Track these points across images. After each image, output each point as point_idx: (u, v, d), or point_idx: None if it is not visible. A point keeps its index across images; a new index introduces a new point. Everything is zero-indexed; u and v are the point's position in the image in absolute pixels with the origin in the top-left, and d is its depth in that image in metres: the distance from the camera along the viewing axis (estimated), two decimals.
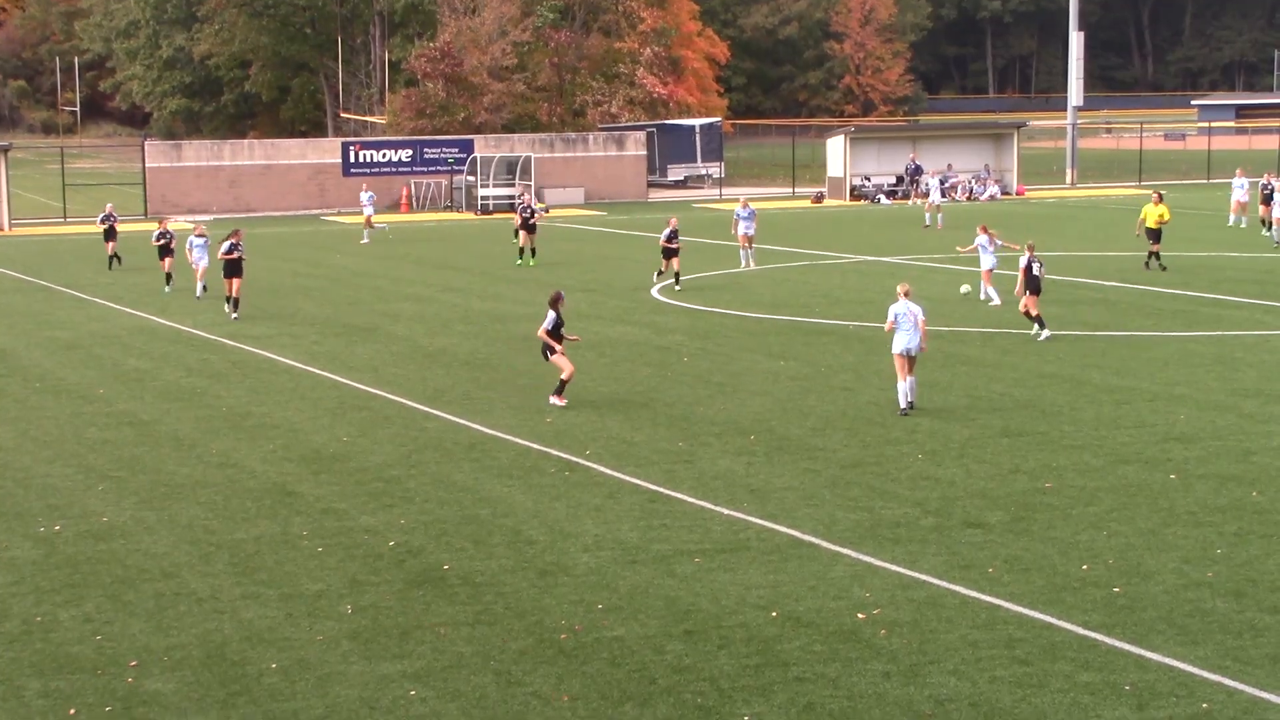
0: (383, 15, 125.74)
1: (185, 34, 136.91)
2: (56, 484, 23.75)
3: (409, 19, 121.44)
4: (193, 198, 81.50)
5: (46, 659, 16.35)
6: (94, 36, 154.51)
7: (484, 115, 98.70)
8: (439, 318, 41.11)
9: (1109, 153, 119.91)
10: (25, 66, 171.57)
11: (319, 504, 22.39)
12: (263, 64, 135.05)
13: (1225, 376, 31.02)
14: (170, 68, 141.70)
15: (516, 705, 14.97)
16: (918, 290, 44.46)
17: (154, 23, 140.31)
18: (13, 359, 35.35)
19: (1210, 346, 34.58)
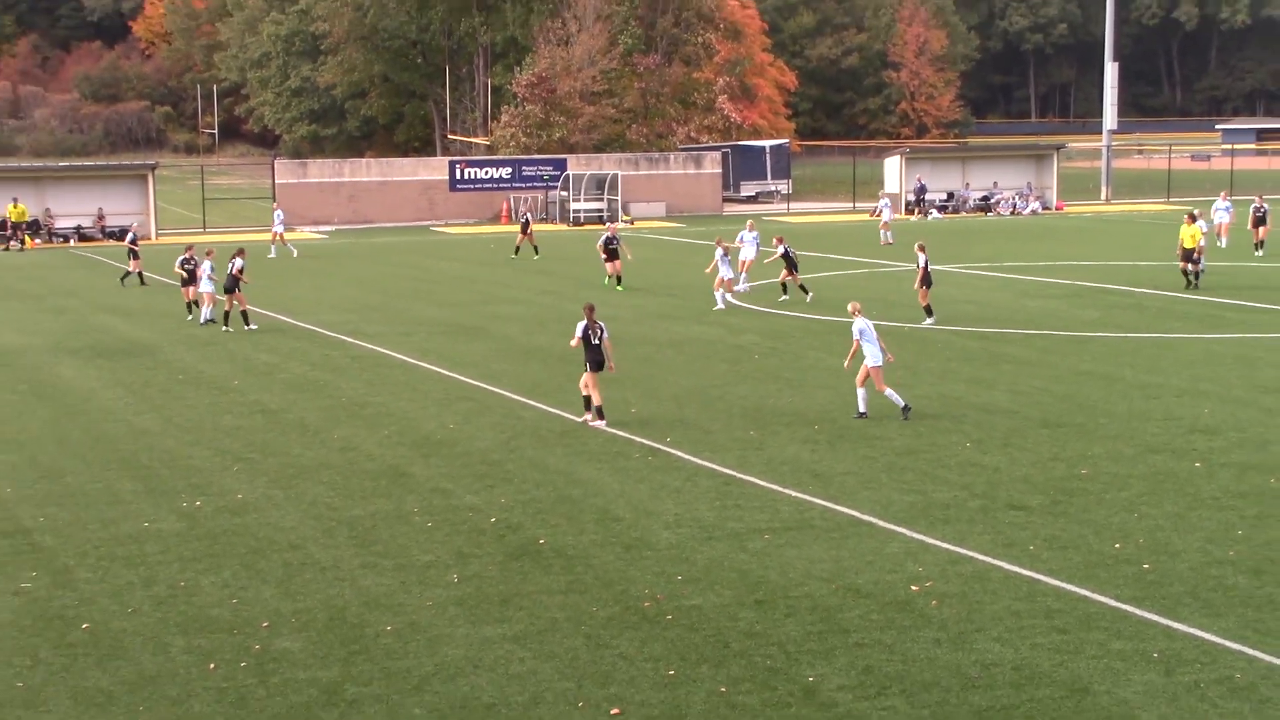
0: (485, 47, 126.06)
1: (311, 65, 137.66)
2: (197, 465, 23.95)
3: (508, 50, 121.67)
4: (316, 211, 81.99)
5: (190, 619, 16.50)
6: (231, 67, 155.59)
7: (577, 136, 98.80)
8: (535, 318, 41.18)
9: (1140, 172, 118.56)
10: (171, 94, 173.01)
11: (429, 484, 22.49)
12: (379, 92, 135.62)
13: (1246, 374, 30.69)
14: (297, 95, 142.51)
15: (605, 665, 15.00)
16: (975, 293, 44.25)
17: (283, 55, 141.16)
18: (159, 354, 35.66)
19: (1233, 347, 34.21)
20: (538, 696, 14.25)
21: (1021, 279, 48.94)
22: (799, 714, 13.78)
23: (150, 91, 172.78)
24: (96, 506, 21.37)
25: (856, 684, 14.46)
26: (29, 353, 36.02)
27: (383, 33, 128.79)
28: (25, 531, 20.12)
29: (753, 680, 14.56)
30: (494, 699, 14.20)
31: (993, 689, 14.30)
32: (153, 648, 15.65)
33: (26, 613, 16.80)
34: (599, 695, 14.25)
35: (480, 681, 14.63)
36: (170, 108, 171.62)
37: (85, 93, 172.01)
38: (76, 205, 73.73)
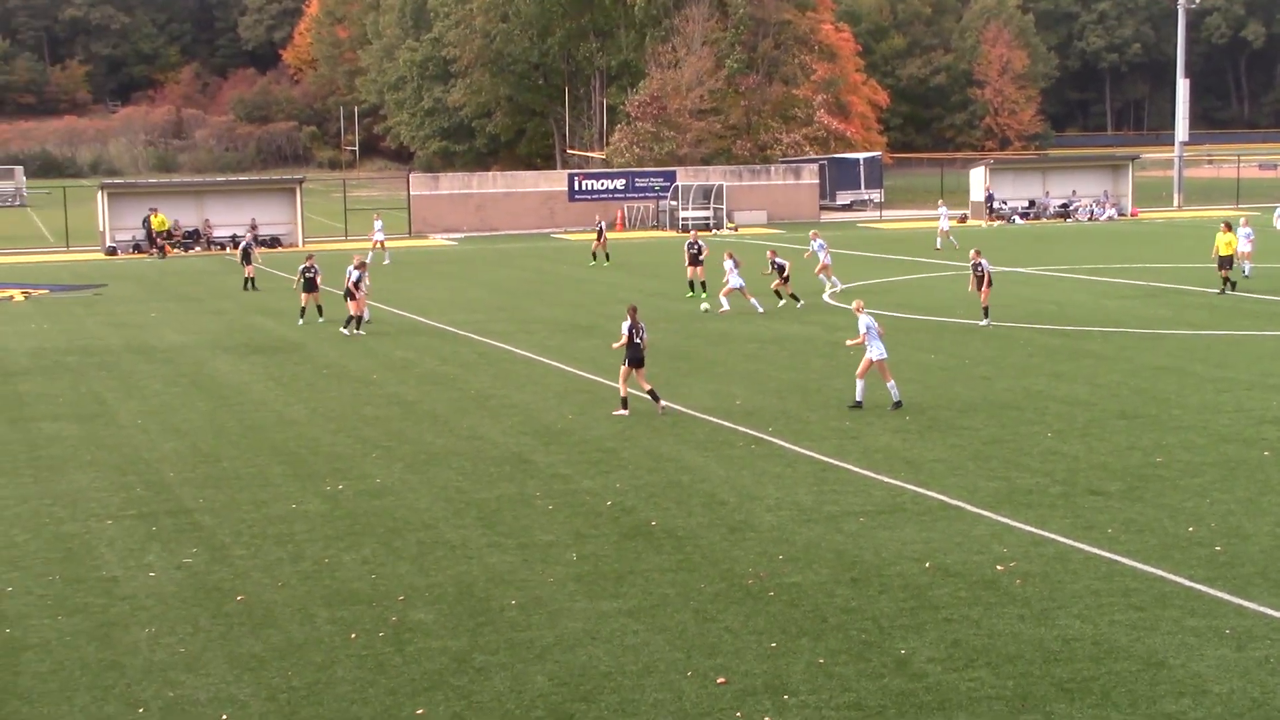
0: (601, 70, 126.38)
1: (442, 87, 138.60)
2: (339, 451, 24.12)
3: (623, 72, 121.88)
4: (447, 219, 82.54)
5: (333, 592, 16.60)
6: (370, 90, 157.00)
7: (685, 150, 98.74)
8: (646, 317, 40.85)
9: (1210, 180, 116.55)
10: (316, 115, 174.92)
11: (549, 470, 22.50)
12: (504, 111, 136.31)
13: None
14: (430, 115, 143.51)
15: (712, 638, 14.92)
16: (1056, 293, 43.72)
17: (418, 79, 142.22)
18: (305, 350, 35.99)
19: None
20: (650, 666, 14.19)
21: (1099, 280, 48.24)
22: (892, 684, 13.63)
23: (298, 113, 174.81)
24: (250, 489, 21.58)
25: (945, 656, 14.28)
26: (189, 350, 36.49)
27: (508, 57, 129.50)
28: (187, 511, 20.36)
29: (849, 652, 14.42)
30: (610, 668, 14.17)
31: (1073, 661, 14.07)
32: (300, 618, 15.76)
33: (188, 585, 16.98)
34: (706, 665, 14.17)
35: (597, 652, 14.60)
36: (316, 127, 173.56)
37: (240, 115, 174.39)
38: (232, 216, 74.69)
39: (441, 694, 13.59)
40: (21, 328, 41.74)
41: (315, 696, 13.59)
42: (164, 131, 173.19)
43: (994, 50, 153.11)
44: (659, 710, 13.16)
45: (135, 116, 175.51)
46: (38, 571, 17.60)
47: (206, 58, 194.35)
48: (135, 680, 14.05)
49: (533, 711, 13.18)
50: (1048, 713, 12.94)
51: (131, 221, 73.08)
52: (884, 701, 13.23)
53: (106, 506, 20.73)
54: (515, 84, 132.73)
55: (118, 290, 52.45)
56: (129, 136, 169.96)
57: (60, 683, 14.03)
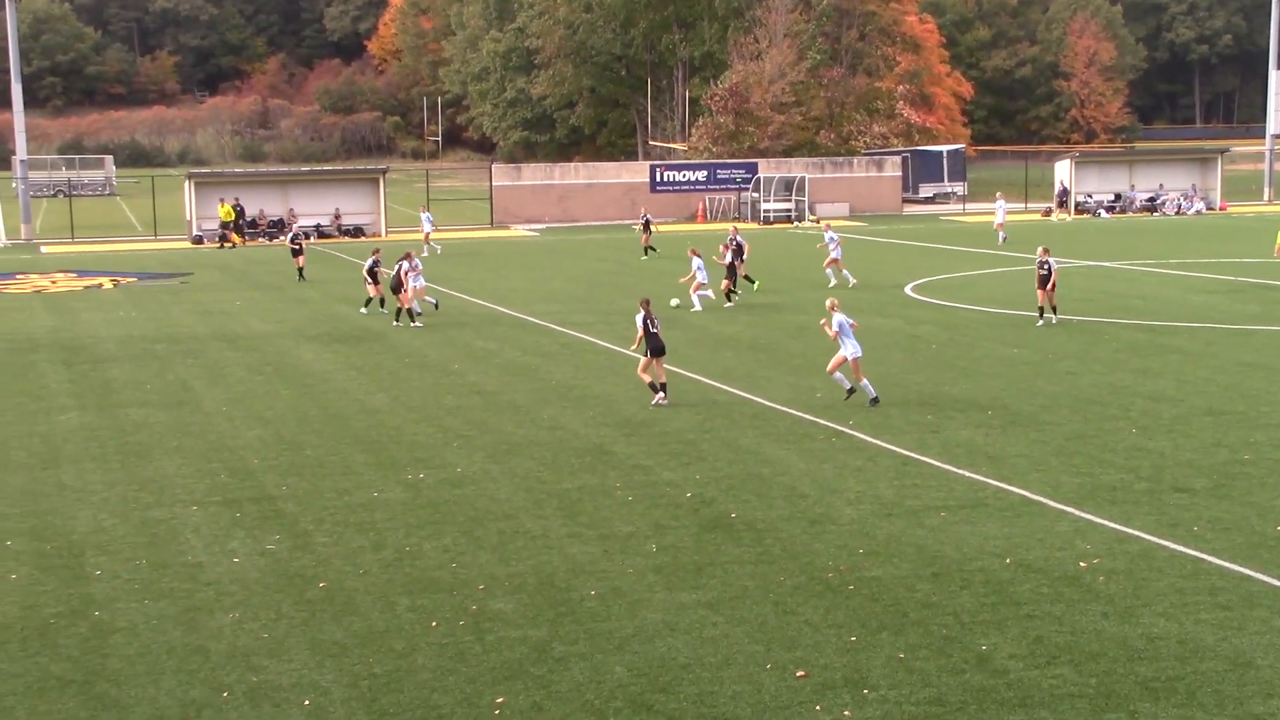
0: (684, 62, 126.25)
1: (525, 78, 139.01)
2: (421, 440, 24.26)
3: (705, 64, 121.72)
4: (529, 210, 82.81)
5: (414, 581, 16.71)
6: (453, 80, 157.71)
7: (767, 142, 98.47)
8: (727, 310, 41.06)
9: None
10: (400, 105, 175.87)
11: (629, 461, 22.53)
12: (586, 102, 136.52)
13: None
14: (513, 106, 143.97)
15: (791, 631, 14.88)
16: (1142, 288, 43.28)
17: (501, 70, 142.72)
18: (386, 340, 36.22)
19: None
20: (729, 658, 14.18)
21: (1186, 275, 47.67)
22: (973, 680, 13.53)
23: (382, 103, 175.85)
24: (332, 477, 21.75)
25: (1027, 653, 14.16)
26: (274, 338, 36.84)
27: (590, 49, 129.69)
28: (270, 499, 20.55)
29: (929, 647, 14.34)
30: (689, 659, 14.17)
31: (1158, 660, 13.92)
32: (381, 605, 15.87)
33: (271, 571, 17.15)
34: (786, 658, 14.14)
35: (676, 643, 14.60)
36: (399, 118, 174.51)
37: (325, 105, 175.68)
38: (316, 206, 75.32)
39: (521, 683, 13.64)
40: (110, 315, 42.30)
41: (396, 684, 13.69)
42: (250, 122, 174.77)
43: (1081, 42, 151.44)
44: (738, 702, 13.15)
45: (222, 107, 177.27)
46: (125, 556, 17.84)
47: (293, 48, 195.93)
48: (220, 665, 14.21)
49: (612, 702, 13.21)
50: (1132, 712, 12.81)
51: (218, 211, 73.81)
52: (964, 697, 13.15)
53: (192, 493, 20.97)
54: (598, 75, 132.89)
55: (203, 279, 53.02)
56: (216, 126, 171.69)
57: (147, 666, 14.22)
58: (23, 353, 35.11)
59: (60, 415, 27.07)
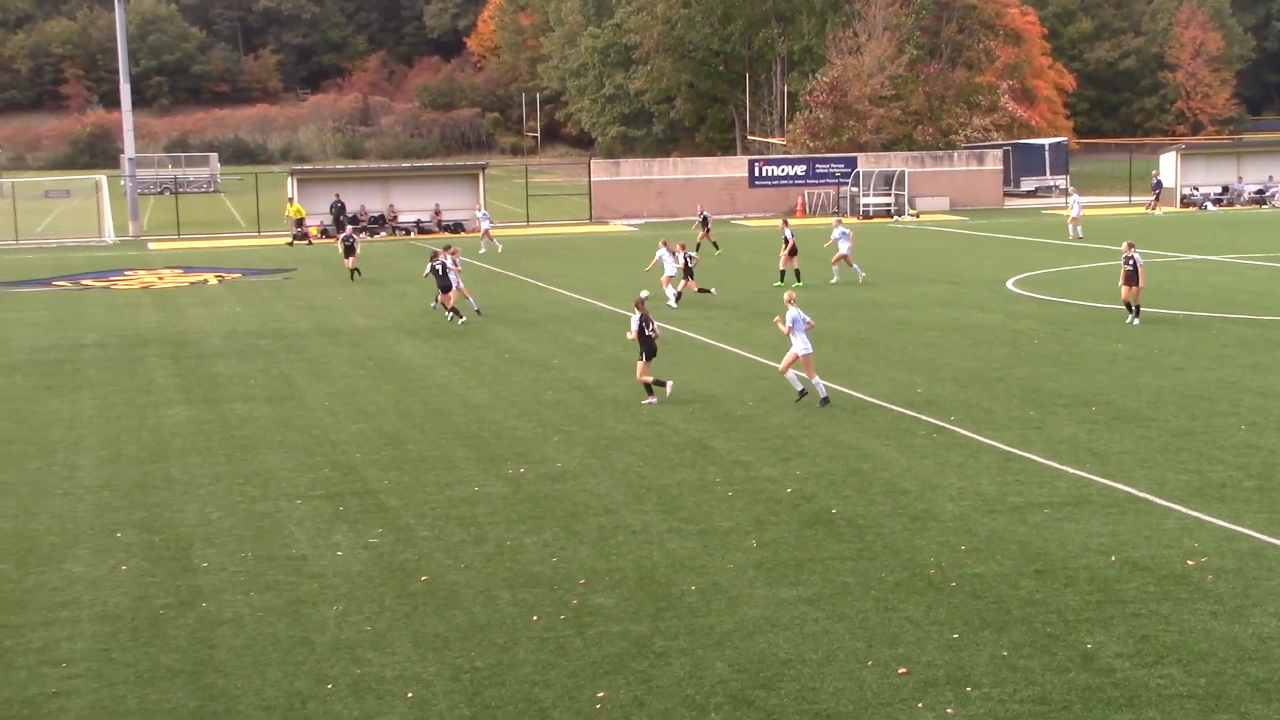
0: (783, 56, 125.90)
1: (624, 74, 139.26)
2: (521, 435, 24.36)
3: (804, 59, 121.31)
4: (628, 205, 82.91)
5: (515, 575, 16.78)
6: (552, 76, 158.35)
7: (866, 136, 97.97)
8: (827, 304, 40.89)
9: None
10: (499, 101, 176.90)
11: (729, 456, 22.49)
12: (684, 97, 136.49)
13: None
14: (611, 101, 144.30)
15: (893, 628, 14.79)
16: (1251, 282, 42.62)
17: (599, 65, 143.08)
18: (487, 334, 36.41)
19: None
20: (830, 654, 14.12)
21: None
22: (1077, 679, 13.38)
23: (481, 99, 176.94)
24: (434, 471, 21.90)
25: (1134, 652, 13.98)
26: (375, 333, 37.16)
27: (689, 44, 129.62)
28: (373, 492, 20.73)
29: (1033, 645, 14.19)
30: (790, 655, 14.12)
31: (1269, 661, 13.68)
32: (482, 599, 15.95)
33: (374, 565, 17.29)
34: (887, 655, 14.06)
35: (777, 639, 14.56)
36: (498, 114, 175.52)
37: (425, 101, 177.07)
38: (416, 202, 75.93)
39: (622, 678, 13.66)
40: (216, 311, 42.88)
41: (497, 677, 13.75)
42: (351, 118, 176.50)
43: (1187, 32, 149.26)
44: (839, 699, 13.09)
45: (324, 104, 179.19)
46: (231, 549, 18.07)
47: (393, 46, 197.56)
48: (324, 656, 14.36)
49: (712, 697, 13.19)
50: (1243, 713, 12.60)
51: (319, 207, 74.62)
52: (1069, 696, 13.00)
53: (296, 486, 21.20)
54: (696, 70, 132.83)
55: (306, 274, 53.60)
56: (318, 123, 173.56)
57: (253, 657, 14.39)
58: (132, 348, 35.69)
59: (168, 410, 27.48)
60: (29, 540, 18.65)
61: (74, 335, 38.16)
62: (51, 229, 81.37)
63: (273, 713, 13.09)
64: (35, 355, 34.62)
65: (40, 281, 53.43)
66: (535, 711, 13.01)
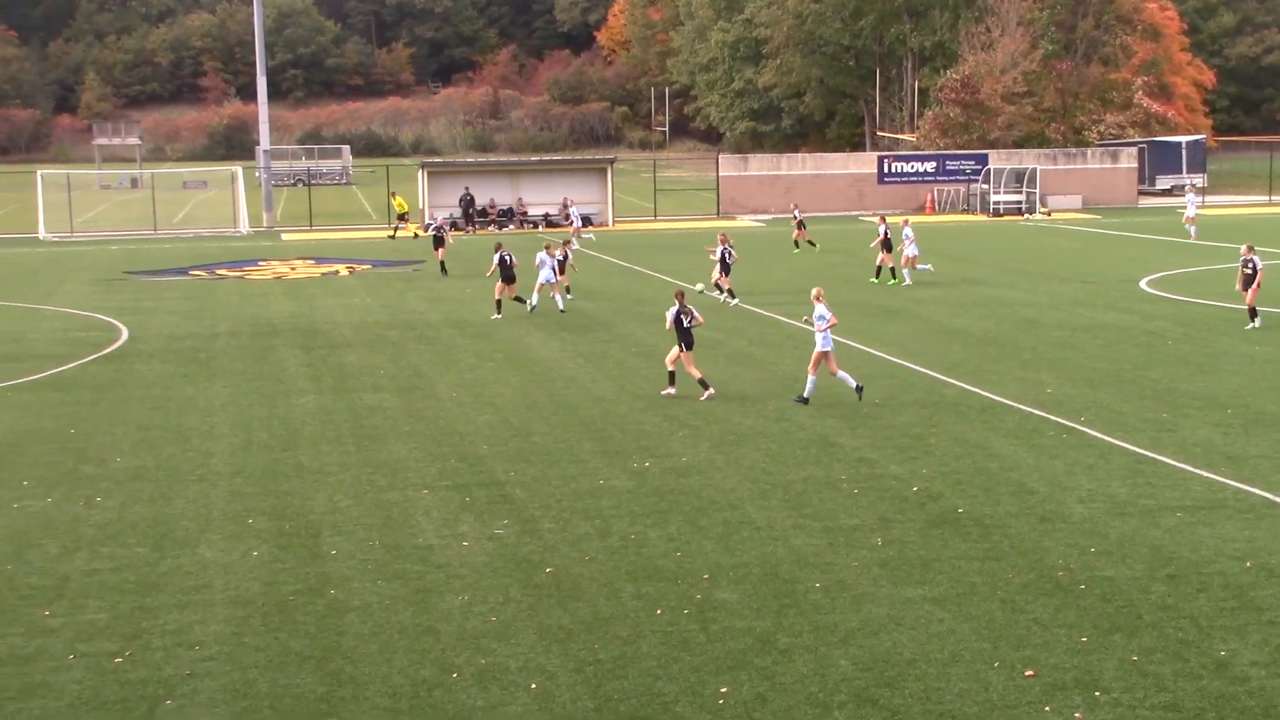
0: (914, 52, 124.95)
1: (753, 69, 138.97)
2: (647, 429, 24.41)
3: (936, 54, 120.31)
4: (755, 200, 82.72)
5: (639, 568, 16.82)
6: (681, 71, 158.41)
7: (997, 133, 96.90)
8: (958, 302, 40.54)
9: None
10: (628, 95, 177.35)
11: (855, 454, 22.37)
12: (814, 93, 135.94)
13: None
14: (740, 96, 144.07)
15: (1020, 629, 14.62)
16: None
17: (729, 60, 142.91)
18: (614, 329, 36.53)
19: None
20: (956, 655, 13.99)
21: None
22: (1210, 686, 13.13)
23: (610, 94, 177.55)
24: (559, 464, 22.01)
25: (1270, 660, 13.69)
26: (503, 325, 37.42)
27: (819, 39, 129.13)
28: (499, 484, 20.89)
29: (1164, 651, 13.96)
30: (914, 655, 14.02)
31: None
32: (606, 592, 16.01)
33: (499, 556, 17.42)
34: (1014, 657, 13.90)
35: (902, 638, 14.46)
36: (627, 108, 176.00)
37: (554, 95, 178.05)
38: (545, 195, 76.32)
39: (745, 673, 13.64)
40: (346, 301, 43.43)
41: (621, 670, 13.80)
42: (481, 112, 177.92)
43: None
44: (965, 700, 12.97)
45: (455, 97, 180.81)
46: (360, 537, 18.30)
47: (523, 39, 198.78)
48: (449, 646, 14.49)
49: (836, 695, 13.13)
50: None
51: (450, 199, 75.28)
52: (1202, 704, 12.77)
53: (423, 476, 21.42)
54: (826, 65, 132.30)
55: (436, 266, 54.04)
56: (448, 117, 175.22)
57: (380, 645, 14.57)
58: (264, 337, 36.27)
59: (299, 398, 27.89)
60: (165, 525, 19.03)
61: (209, 324, 38.87)
62: (188, 219, 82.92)
63: (399, 700, 13.25)
64: (172, 343, 35.32)
65: (177, 271, 54.49)
66: (658, 705, 13.03)
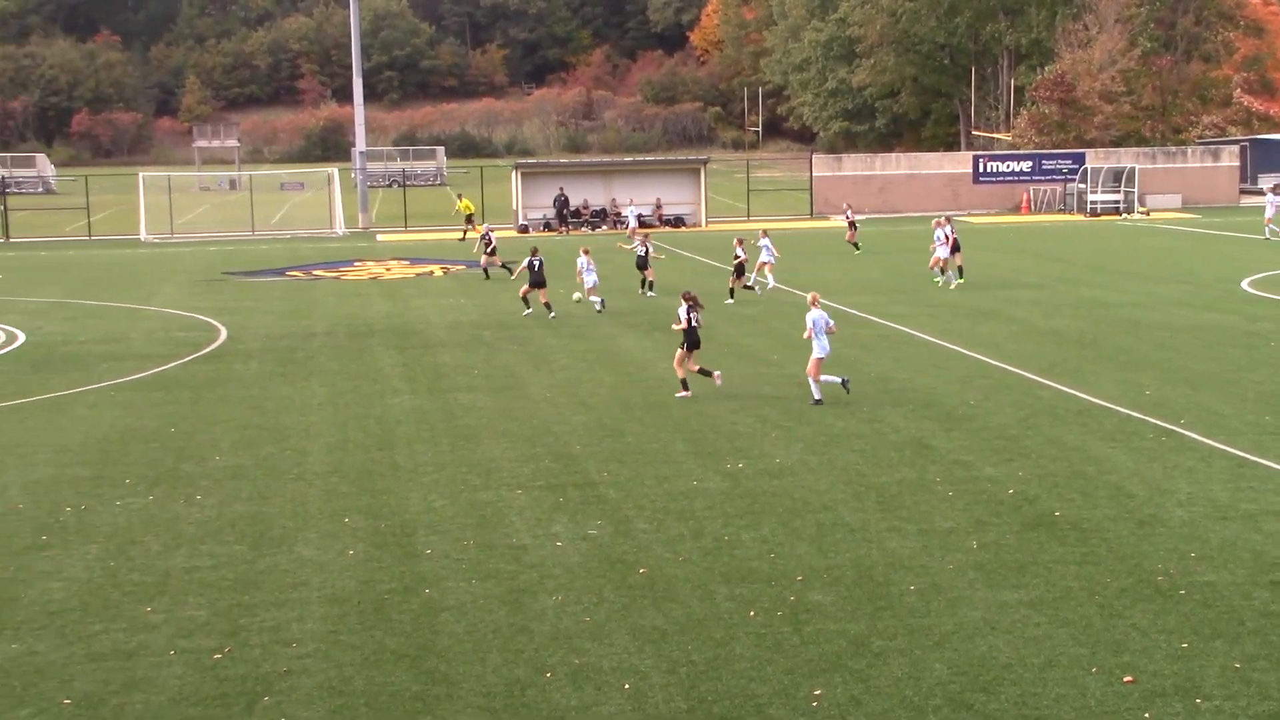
0: (1010, 50, 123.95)
1: (847, 68, 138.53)
2: (740, 430, 24.36)
3: (1032, 52, 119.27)
4: (849, 200, 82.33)
5: (732, 570, 16.79)
6: (774, 71, 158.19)
7: (1094, 132, 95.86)
8: (1052, 303, 40.15)
9: None
10: (721, 95, 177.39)
11: (949, 456, 22.20)
12: (908, 92, 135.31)
13: None
14: (833, 96, 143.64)
15: (1118, 634, 14.44)
16: None
17: (822, 59, 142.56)
18: (708, 329, 36.36)
19: None
20: (1052, 660, 13.85)
21: None
22: None
23: (703, 94, 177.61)
24: (653, 465, 22.02)
25: None
26: (596, 325, 37.51)
27: (913, 37, 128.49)
28: (592, 484, 20.93)
29: (1269, 658, 13.73)
30: (1010, 659, 13.89)
31: None
32: (700, 593, 15.99)
33: (593, 556, 17.46)
34: (1112, 663, 13.73)
35: (997, 642, 14.33)
36: (720, 108, 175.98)
37: (647, 96, 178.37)
38: (638, 196, 76.37)
39: (839, 676, 13.58)
40: (440, 302, 43.73)
41: (714, 672, 13.78)
42: (574, 113, 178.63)
43: None
44: (1062, 705, 12.83)
45: (548, 98, 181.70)
46: (454, 536, 18.41)
47: (617, 40, 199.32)
48: (543, 646, 14.54)
49: (931, 699, 13.04)
50: None
51: (543, 200, 75.62)
52: None
53: (517, 476, 21.51)
54: (921, 64, 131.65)
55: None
56: (542, 118, 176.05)
57: (474, 644, 14.64)
58: (360, 337, 36.61)
59: (394, 398, 28.11)
60: (262, 523, 19.25)
61: (306, 324, 39.29)
62: (285, 221, 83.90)
63: (493, 699, 13.31)
64: (270, 343, 35.73)
65: (275, 272, 55.12)
66: (752, 707, 13.00)
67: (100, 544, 18.37)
